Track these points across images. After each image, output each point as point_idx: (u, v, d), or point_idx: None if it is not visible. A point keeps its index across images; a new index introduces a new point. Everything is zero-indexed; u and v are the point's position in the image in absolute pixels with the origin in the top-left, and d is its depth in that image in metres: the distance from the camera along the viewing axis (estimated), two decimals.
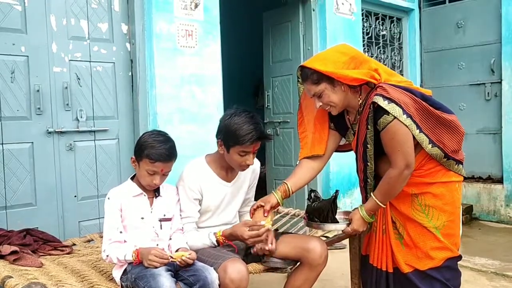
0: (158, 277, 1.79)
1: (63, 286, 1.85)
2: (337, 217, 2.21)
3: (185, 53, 3.46)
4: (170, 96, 3.38)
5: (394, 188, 1.99)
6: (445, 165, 2.03)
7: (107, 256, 1.95)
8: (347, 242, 2.67)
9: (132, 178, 2.11)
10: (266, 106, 5.04)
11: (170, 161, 2.03)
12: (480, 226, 4.90)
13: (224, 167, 2.21)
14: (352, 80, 1.98)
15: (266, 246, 2.08)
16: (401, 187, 2.00)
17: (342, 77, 1.97)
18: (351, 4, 4.71)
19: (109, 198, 2.03)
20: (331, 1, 4.52)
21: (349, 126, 2.20)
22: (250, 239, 2.02)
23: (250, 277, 1.99)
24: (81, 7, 3.13)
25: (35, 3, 2.94)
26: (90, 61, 3.17)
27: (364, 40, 5.05)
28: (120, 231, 1.99)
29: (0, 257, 2.16)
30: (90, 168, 3.18)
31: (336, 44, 2.27)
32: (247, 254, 2.25)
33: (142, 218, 2.04)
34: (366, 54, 4.14)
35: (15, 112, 2.88)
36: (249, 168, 2.21)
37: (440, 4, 5.50)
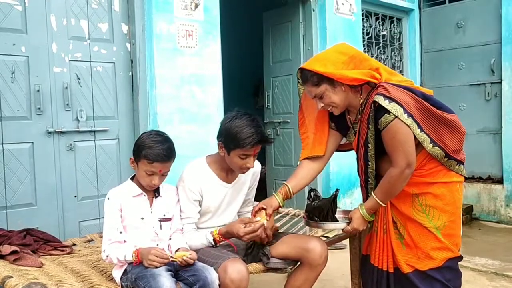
0: (158, 277, 1.79)
1: (63, 286, 1.85)
2: (337, 216, 2.20)
3: (185, 53, 3.46)
4: (170, 96, 3.38)
5: (395, 187, 1.99)
6: (446, 165, 2.03)
7: (107, 257, 1.95)
8: (347, 242, 2.66)
9: (132, 178, 2.10)
10: (266, 106, 5.04)
11: (169, 162, 2.02)
12: (480, 226, 4.90)
13: (225, 168, 2.20)
14: (352, 80, 1.98)
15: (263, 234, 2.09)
16: (402, 187, 2.00)
17: (342, 78, 1.97)
18: (351, 4, 4.71)
19: (109, 198, 2.03)
20: (331, 1, 4.52)
21: (350, 126, 2.19)
22: (246, 236, 2.02)
23: (250, 277, 1.99)
24: (81, 7, 3.13)
25: (35, 3, 2.94)
26: (90, 61, 3.17)
27: (364, 40, 5.05)
28: (120, 231, 1.99)
29: (0, 257, 2.16)
30: (90, 168, 3.18)
31: (336, 44, 2.27)
32: (247, 254, 2.24)
33: (142, 218, 2.04)
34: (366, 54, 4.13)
35: (15, 112, 2.88)
36: (250, 170, 2.20)
37: (440, 4, 5.50)
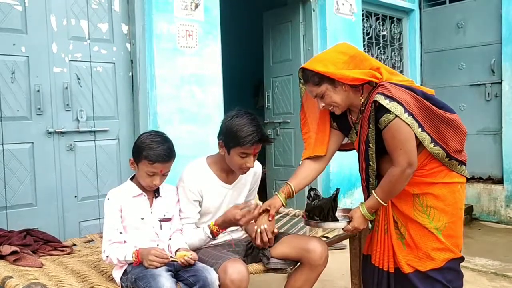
0: (158, 278, 1.79)
1: (64, 287, 1.85)
2: (337, 215, 2.20)
3: (185, 53, 3.46)
4: (170, 96, 3.38)
5: (396, 187, 1.99)
6: (448, 166, 2.03)
7: (107, 257, 1.95)
8: (347, 243, 2.66)
9: (132, 179, 2.10)
10: (266, 107, 5.03)
11: (169, 161, 2.02)
12: (480, 227, 4.90)
13: (225, 169, 2.20)
14: (353, 80, 1.98)
15: (264, 237, 2.09)
16: (403, 186, 1.99)
17: (343, 78, 1.97)
18: (352, 5, 4.71)
19: (109, 199, 2.03)
20: (332, 2, 4.52)
21: (352, 126, 2.19)
22: (243, 219, 2.03)
23: (250, 278, 1.99)
24: (81, 7, 3.13)
25: (35, 3, 2.94)
26: (91, 62, 3.17)
27: (364, 41, 5.05)
28: (120, 232, 1.99)
29: (1, 257, 2.16)
30: (91, 169, 3.18)
31: (336, 44, 2.27)
32: (247, 255, 2.24)
33: (142, 219, 2.04)
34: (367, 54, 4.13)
35: (15, 112, 2.88)
36: (250, 171, 2.20)
37: (440, 5, 5.50)
